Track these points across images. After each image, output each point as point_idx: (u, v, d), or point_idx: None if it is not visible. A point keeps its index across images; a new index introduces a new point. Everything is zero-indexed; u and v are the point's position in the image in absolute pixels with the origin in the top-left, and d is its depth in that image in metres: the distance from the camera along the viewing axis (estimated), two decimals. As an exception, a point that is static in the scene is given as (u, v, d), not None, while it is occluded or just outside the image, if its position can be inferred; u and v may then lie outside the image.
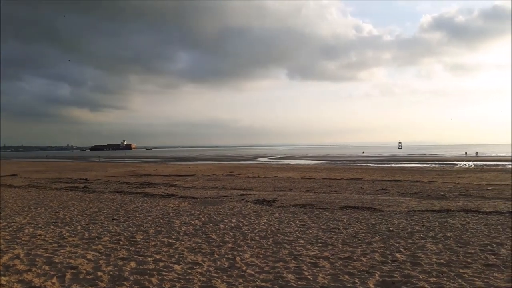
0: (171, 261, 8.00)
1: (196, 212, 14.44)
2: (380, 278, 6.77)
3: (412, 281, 6.58)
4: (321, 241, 9.73)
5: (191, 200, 17.78)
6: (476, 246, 9.03)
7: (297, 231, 10.96)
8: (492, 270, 7.14)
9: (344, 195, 20.16)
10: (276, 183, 27.06)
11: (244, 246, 9.17)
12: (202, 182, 28.86)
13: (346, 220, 12.66)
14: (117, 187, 25.38)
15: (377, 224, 11.96)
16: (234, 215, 13.72)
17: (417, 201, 17.37)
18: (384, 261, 7.85)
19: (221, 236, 10.34)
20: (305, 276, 6.93)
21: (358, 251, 8.67)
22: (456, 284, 6.39)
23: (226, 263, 7.82)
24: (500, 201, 17.16)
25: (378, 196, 19.42)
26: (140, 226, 11.86)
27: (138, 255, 8.42)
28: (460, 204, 16.10)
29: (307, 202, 17.02)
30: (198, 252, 8.71)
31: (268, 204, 16.45)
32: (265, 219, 12.89)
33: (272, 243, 9.48)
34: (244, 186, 25.00)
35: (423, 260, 7.85)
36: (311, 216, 13.47)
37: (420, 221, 12.28)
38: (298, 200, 17.82)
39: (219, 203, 16.68)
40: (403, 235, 10.30)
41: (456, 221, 12.26)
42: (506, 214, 13.37)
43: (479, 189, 22.15)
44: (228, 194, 20.28)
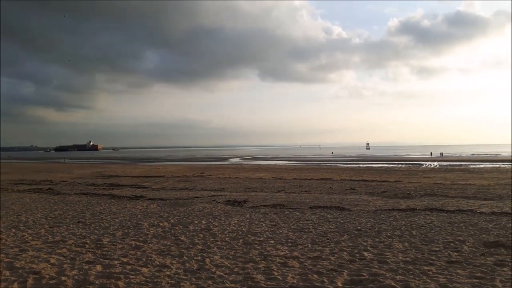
0: (139, 264, 7.83)
1: (165, 214, 14.22)
2: (348, 277, 6.86)
3: (379, 279, 6.70)
4: (291, 241, 9.78)
5: (160, 202, 17.51)
6: (440, 243, 9.30)
7: (268, 231, 10.98)
8: (455, 267, 7.37)
9: (314, 195, 20.38)
10: (247, 184, 27.06)
11: (214, 248, 9.10)
12: (172, 183, 28.50)
13: (316, 219, 12.79)
14: (83, 188, 24.71)
15: (345, 223, 12.14)
16: (204, 216, 13.60)
17: (384, 201, 17.77)
18: (352, 260, 7.97)
19: (190, 238, 10.22)
20: (275, 276, 6.94)
21: (327, 250, 8.76)
22: (421, 281, 6.56)
23: (195, 265, 7.73)
24: (463, 200, 17.80)
25: (347, 196, 19.75)
26: (106, 228, 11.57)
27: (105, 259, 8.20)
28: (425, 203, 16.59)
29: (278, 202, 17.10)
30: (167, 254, 8.57)
31: (239, 205, 16.42)
32: (236, 220, 12.85)
33: (242, 244, 9.45)
34: (215, 187, 24.87)
35: (390, 259, 8.01)
36: (281, 216, 13.53)
37: (387, 220, 12.56)
38: (269, 200, 17.88)
39: (189, 205, 16.50)
40: (370, 234, 10.50)
41: (421, 219, 12.61)
42: (469, 213, 13.86)
43: (443, 188, 22.91)
44: (198, 195, 20.10)
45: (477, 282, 6.48)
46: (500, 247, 8.85)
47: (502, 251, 8.53)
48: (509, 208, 14.71)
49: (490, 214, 13.51)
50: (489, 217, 12.83)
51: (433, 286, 6.32)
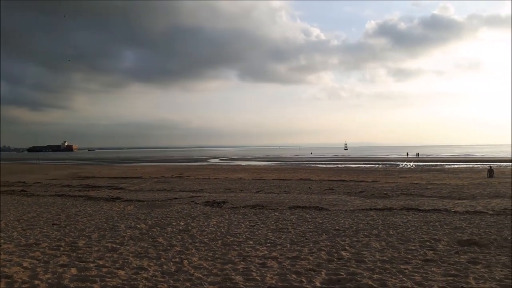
0: (115, 266, 7.68)
1: (143, 215, 14.02)
2: (326, 276, 6.90)
3: (357, 278, 6.76)
4: (270, 241, 9.78)
5: (137, 203, 17.26)
6: (416, 242, 9.47)
7: (247, 232, 10.95)
8: (431, 265, 7.51)
9: (293, 195, 20.48)
10: (227, 185, 26.98)
11: (192, 249, 9.01)
12: (150, 184, 28.16)
13: (295, 219, 12.84)
14: (58, 190, 24.14)
15: (324, 223, 12.23)
16: (182, 217, 13.47)
17: (362, 200, 18.00)
18: (330, 259, 8.02)
19: (168, 239, 10.10)
20: (254, 277, 6.92)
21: (305, 250, 8.80)
22: (398, 280, 6.65)
23: (173, 267, 7.63)
24: (438, 199, 18.20)
25: (325, 196, 19.92)
26: (82, 231, 11.32)
27: (80, 261, 8.02)
28: (402, 202, 16.88)
29: (257, 202, 17.10)
30: (144, 256, 8.44)
31: (218, 206, 16.34)
32: (215, 221, 12.77)
33: (221, 245, 9.39)
34: (193, 188, 24.69)
35: (367, 258, 8.10)
36: (260, 216, 13.53)
37: (364, 220, 12.71)
38: (249, 201, 17.86)
39: (167, 206, 16.32)
40: (348, 234, 10.60)
41: (398, 219, 12.82)
42: (444, 212, 14.17)
43: (419, 188, 23.37)
44: (176, 197, 19.91)
45: (451, 279, 6.62)
46: (474, 245, 9.07)
47: (475, 249, 8.74)
48: (482, 207, 15.11)
49: (464, 213, 13.84)
50: (463, 216, 13.14)
51: (409, 284, 6.41)
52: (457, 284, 6.36)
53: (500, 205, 15.55)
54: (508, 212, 13.78)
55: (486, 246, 8.96)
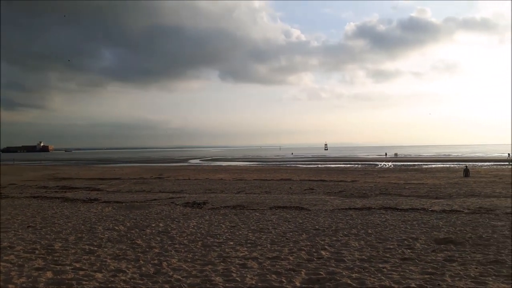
0: (93, 269, 7.53)
1: (121, 217, 13.81)
2: (306, 276, 6.93)
3: (336, 277, 6.81)
4: (251, 241, 9.77)
5: (115, 205, 16.99)
6: (395, 241, 9.60)
7: (227, 232, 10.91)
8: (408, 264, 7.63)
9: (274, 195, 20.52)
10: (207, 185, 26.84)
11: (171, 251, 8.92)
12: (128, 185, 27.77)
13: (275, 220, 12.86)
14: (33, 192, 23.56)
15: (304, 222, 12.29)
16: (162, 219, 13.32)
17: (341, 200, 18.17)
18: (310, 259, 8.06)
19: (147, 241, 9.97)
20: (233, 278, 6.89)
21: (285, 250, 8.82)
22: (376, 279, 6.73)
23: (152, 269, 7.53)
24: (416, 198, 18.52)
25: (306, 196, 20.03)
26: (58, 233, 11.07)
27: (56, 264, 7.84)
28: (380, 202, 17.11)
29: (238, 203, 17.06)
30: (122, 259, 8.30)
31: (198, 207, 16.22)
32: (195, 222, 12.68)
33: (201, 246, 9.33)
34: (173, 189, 24.47)
35: (346, 257, 8.18)
36: (241, 217, 13.50)
37: (344, 219, 12.83)
38: (229, 201, 17.80)
39: (146, 207, 16.12)
40: (328, 233, 10.68)
41: (376, 218, 12.98)
42: (421, 211, 14.43)
43: (397, 187, 23.75)
44: (156, 198, 19.69)
45: (428, 277, 6.73)
46: (450, 243, 9.27)
47: (451, 247, 8.93)
48: (458, 206, 15.45)
49: (441, 212, 14.12)
50: (440, 215, 13.41)
51: (387, 283, 6.49)
52: (433, 282, 6.47)
53: (475, 204, 15.94)
54: (483, 211, 14.13)
55: (461, 244, 9.16)
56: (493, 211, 14.09)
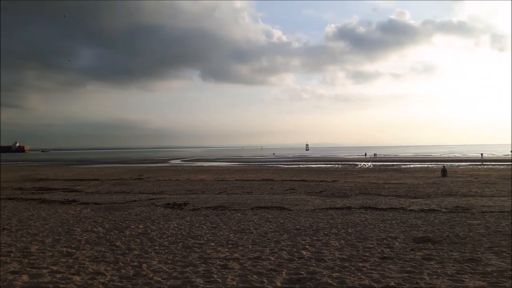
0: (70, 272, 7.38)
1: (100, 218, 13.58)
2: (287, 276, 6.94)
3: (317, 277, 6.85)
4: (232, 242, 9.74)
5: (94, 206, 16.70)
6: (374, 240, 9.72)
7: (208, 233, 10.84)
8: (388, 262, 7.73)
9: (256, 195, 20.52)
10: (188, 186, 26.66)
11: (151, 253, 8.81)
12: (108, 186, 27.35)
13: (257, 220, 12.86)
14: (9, 193, 22.93)
15: (285, 222, 12.32)
16: (141, 220, 13.15)
17: (322, 200, 18.31)
18: (291, 259, 8.08)
19: (126, 243, 9.82)
20: (214, 279, 6.85)
21: (267, 251, 8.82)
22: (356, 278, 6.79)
23: (132, 271, 7.42)
24: (395, 198, 18.81)
25: (287, 196, 20.11)
26: (35, 235, 10.80)
27: (32, 268, 7.64)
28: (360, 201, 17.31)
29: (219, 204, 17.00)
30: (101, 261, 8.16)
31: (179, 208, 16.09)
32: (175, 223, 12.57)
33: (182, 248, 9.25)
34: (153, 190, 24.21)
35: (327, 256, 8.23)
36: (222, 218, 13.44)
37: (324, 219, 12.93)
38: (211, 202, 17.72)
39: (126, 209, 15.89)
40: (309, 233, 10.74)
41: (356, 217, 13.12)
42: (400, 210, 14.65)
43: (377, 187, 24.08)
44: (136, 199, 19.44)
45: (407, 276, 6.83)
46: (428, 242, 9.44)
47: (429, 245, 9.09)
48: (436, 205, 15.76)
49: (419, 211, 14.37)
50: (418, 214, 13.64)
51: (367, 282, 6.56)
52: (412, 280, 6.57)
53: (453, 203, 16.29)
54: (459, 210, 14.45)
55: (439, 242, 9.34)
56: (469, 210, 14.42)
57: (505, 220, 12.05)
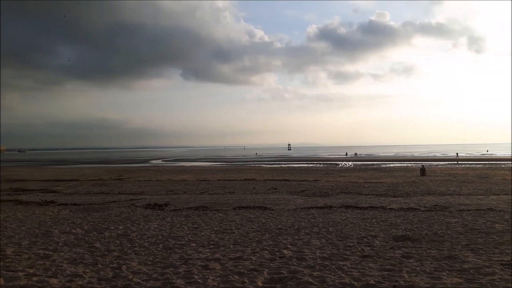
0: (47, 274, 7.21)
1: (79, 220, 13.32)
2: (268, 276, 6.94)
3: (298, 276, 6.87)
4: (213, 242, 9.68)
5: (73, 207, 16.37)
6: (354, 239, 9.81)
7: (189, 234, 10.76)
8: (368, 261, 7.81)
9: (238, 195, 20.49)
10: (169, 186, 26.42)
11: (131, 254, 8.68)
12: (87, 187, 26.88)
13: (239, 220, 12.83)
14: (-16, 195, 22.29)
15: (267, 222, 12.33)
16: (121, 221, 12.96)
17: (304, 199, 18.41)
18: (272, 258, 8.08)
19: (106, 244, 9.66)
20: (195, 280, 6.79)
21: (248, 250, 8.80)
22: (336, 276, 6.84)
23: (111, 273, 7.30)
24: (375, 197, 19.04)
25: (269, 195, 20.14)
26: (11, 237, 10.52)
27: (8, 271, 7.44)
28: (341, 200, 17.46)
29: (201, 204, 16.90)
30: (80, 263, 8.00)
31: (159, 208, 15.92)
32: (156, 224, 12.43)
33: (162, 249, 9.15)
34: (134, 191, 23.91)
35: (308, 255, 8.27)
36: (204, 218, 13.36)
37: (306, 218, 12.99)
38: (192, 202, 17.59)
39: (105, 210, 15.64)
40: (290, 232, 10.77)
41: (337, 216, 13.23)
42: (380, 209, 14.84)
43: (357, 186, 24.33)
44: (115, 200, 19.15)
45: (387, 274, 6.91)
46: (407, 240, 9.58)
47: (409, 244, 9.23)
48: (415, 204, 16.01)
49: (398, 210, 14.58)
50: (398, 213, 13.84)
51: (347, 280, 6.61)
52: (391, 278, 6.66)
53: (431, 202, 16.58)
54: (438, 208, 14.72)
55: (418, 241, 9.49)
56: (447, 208, 14.71)
57: (482, 218, 12.33)
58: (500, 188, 22.15)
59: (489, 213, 13.40)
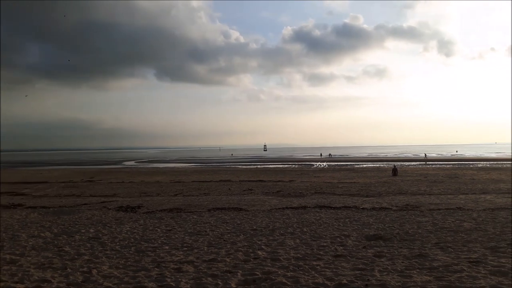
0: (13, 280, 6.96)
1: (48, 223, 12.94)
2: (242, 277, 6.90)
3: (271, 277, 6.86)
4: (187, 245, 9.57)
5: (42, 210, 15.90)
6: (328, 239, 9.90)
7: (163, 237, 10.60)
8: (341, 260, 7.88)
9: (213, 196, 20.37)
10: (143, 188, 26.02)
11: (102, 257, 8.48)
12: (57, 189, 26.17)
13: (213, 221, 12.74)
14: None
15: (242, 223, 12.29)
16: (92, 224, 12.66)
17: (279, 200, 18.47)
18: (246, 260, 8.05)
19: (76, 248, 9.41)
20: (168, 283, 6.68)
21: (222, 252, 8.74)
22: (310, 276, 6.87)
23: (81, 277, 7.10)
24: (348, 197, 19.31)
25: (245, 196, 20.11)
26: (-26, 243, 10.10)
27: (-30, 278, 7.13)
28: (315, 201, 17.62)
29: (175, 206, 16.70)
30: (48, 267, 7.76)
31: (132, 211, 15.65)
32: (128, 226, 12.20)
33: (135, 252, 8.97)
34: (105, 193, 23.42)
35: (282, 256, 8.28)
36: (178, 220, 13.21)
37: (280, 218, 13.02)
38: (166, 204, 17.37)
39: (76, 212, 15.25)
40: (265, 233, 10.77)
41: (311, 216, 13.33)
42: (353, 209, 15.04)
43: (331, 187, 24.62)
44: (86, 202, 18.72)
45: (359, 273, 6.99)
46: (379, 239, 9.73)
47: (381, 243, 9.38)
48: (387, 204, 16.32)
49: (371, 209, 14.82)
50: (370, 212, 14.07)
51: (320, 280, 6.65)
52: (364, 278, 6.74)
53: (403, 201, 16.93)
54: (409, 208, 15.04)
55: (390, 240, 9.66)
56: (418, 207, 15.05)
57: (451, 217, 12.67)
58: (469, 187, 22.86)
59: (458, 212, 13.79)
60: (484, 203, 15.97)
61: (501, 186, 23.23)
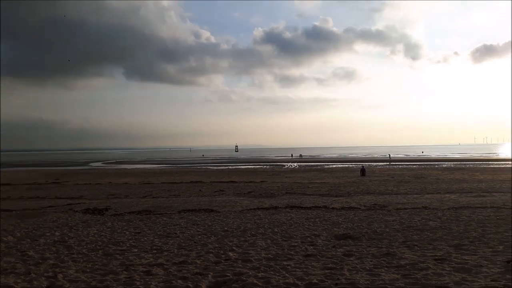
0: (-28, 288, 6.63)
1: (10, 227, 12.43)
2: (213, 279, 6.85)
3: (243, 278, 6.84)
4: (156, 247, 9.41)
5: (4, 214, 15.27)
6: (299, 239, 9.98)
7: (131, 239, 10.39)
8: (311, 260, 7.96)
9: (183, 198, 20.16)
10: (110, 190, 25.45)
11: (68, 261, 8.22)
12: (20, 191, 25.21)
13: (184, 223, 12.60)
14: None
15: (213, 225, 12.21)
16: (58, 227, 12.27)
17: (250, 200, 18.48)
18: (217, 261, 8.00)
19: (40, 252, 9.08)
20: (137, 286, 6.55)
21: (193, 254, 8.65)
22: (281, 276, 6.89)
23: (45, 282, 6.85)
24: (318, 197, 19.54)
25: (216, 198, 20.00)
26: None
27: None
28: (286, 201, 17.73)
29: (144, 208, 16.41)
30: (10, 273, 7.44)
31: (99, 213, 15.27)
32: (96, 229, 11.89)
33: (102, 255, 8.75)
34: (72, 195, 22.77)
35: (253, 257, 8.27)
36: (147, 222, 12.98)
37: (252, 219, 13.03)
38: (134, 206, 17.04)
39: (41, 215, 14.73)
40: (236, 234, 10.74)
41: (282, 217, 13.40)
42: (323, 208, 15.23)
43: (302, 187, 24.87)
44: (52, 204, 18.13)
45: (329, 272, 7.08)
46: (348, 238, 9.89)
47: (350, 242, 9.53)
48: (355, 203, 16.61)
49: (340, 209, 15.05)
50: (339, 212, 14.28)
51: (291, 280, 6.69)
52: (333, 277, 6.82)
53: (371, 201, 17.29)
54: (377, 207, 15.37)
55: (358, 239, 9.83)
56: (386, 207, 15.40)
57: (417, 216, 13.03)
58: (434, 187, 23.61)
59: (424, 211, 14.20)
60: (449, 202, 16.52)
61: (464, 186, 24.13)
